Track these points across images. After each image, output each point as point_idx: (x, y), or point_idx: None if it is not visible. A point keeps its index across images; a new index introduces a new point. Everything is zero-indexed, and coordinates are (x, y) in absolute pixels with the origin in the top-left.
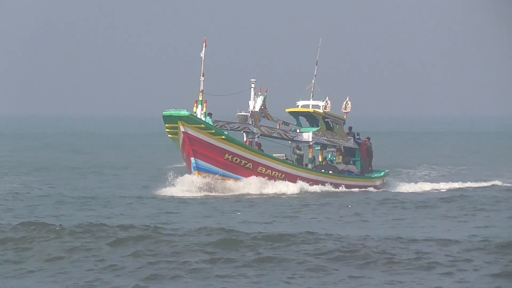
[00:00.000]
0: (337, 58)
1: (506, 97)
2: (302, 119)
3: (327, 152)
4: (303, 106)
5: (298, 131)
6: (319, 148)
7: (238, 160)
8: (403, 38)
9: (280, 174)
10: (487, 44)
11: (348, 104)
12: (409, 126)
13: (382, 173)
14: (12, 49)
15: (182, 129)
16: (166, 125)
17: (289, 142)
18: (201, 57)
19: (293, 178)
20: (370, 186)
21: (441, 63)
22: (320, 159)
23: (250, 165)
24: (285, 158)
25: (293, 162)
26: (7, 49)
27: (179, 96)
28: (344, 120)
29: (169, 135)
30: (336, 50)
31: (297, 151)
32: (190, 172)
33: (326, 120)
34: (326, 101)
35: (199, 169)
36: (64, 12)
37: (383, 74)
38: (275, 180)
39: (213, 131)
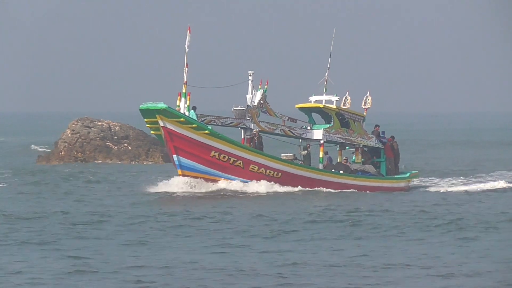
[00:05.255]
0: (354, 49)
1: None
2: (317, 116)
3: (351, 152)
4: (316, 102)
5: (308, 128)
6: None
7: (226, 157)
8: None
9: (276, 173)
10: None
11: (368, 99)
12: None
13: (408, 174)
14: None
15: (161, 123)
16: (146, 120)
17: (300, 140)
18: (186, 46)
19: (291, 178)
20: (389, 188)
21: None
22: (338, 160)
23: (240, 163)
24: (293, 158)
25: (302, 162)
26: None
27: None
28: (364, 117)
29: (152, 131)
30: (353, 41)
31: (302, 151)
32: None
33: (340, 116)
34: (346, 97)
35: (183, 168)
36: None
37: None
38: (270, 180)
39: (194, 125)
